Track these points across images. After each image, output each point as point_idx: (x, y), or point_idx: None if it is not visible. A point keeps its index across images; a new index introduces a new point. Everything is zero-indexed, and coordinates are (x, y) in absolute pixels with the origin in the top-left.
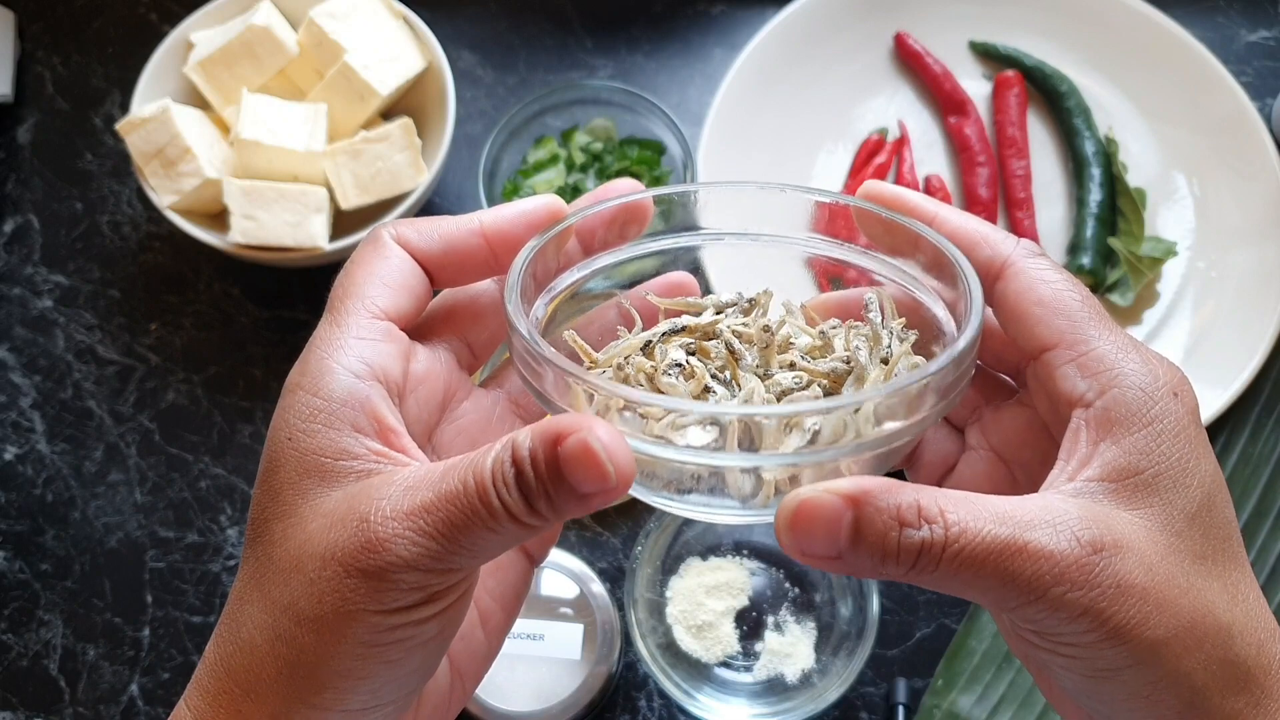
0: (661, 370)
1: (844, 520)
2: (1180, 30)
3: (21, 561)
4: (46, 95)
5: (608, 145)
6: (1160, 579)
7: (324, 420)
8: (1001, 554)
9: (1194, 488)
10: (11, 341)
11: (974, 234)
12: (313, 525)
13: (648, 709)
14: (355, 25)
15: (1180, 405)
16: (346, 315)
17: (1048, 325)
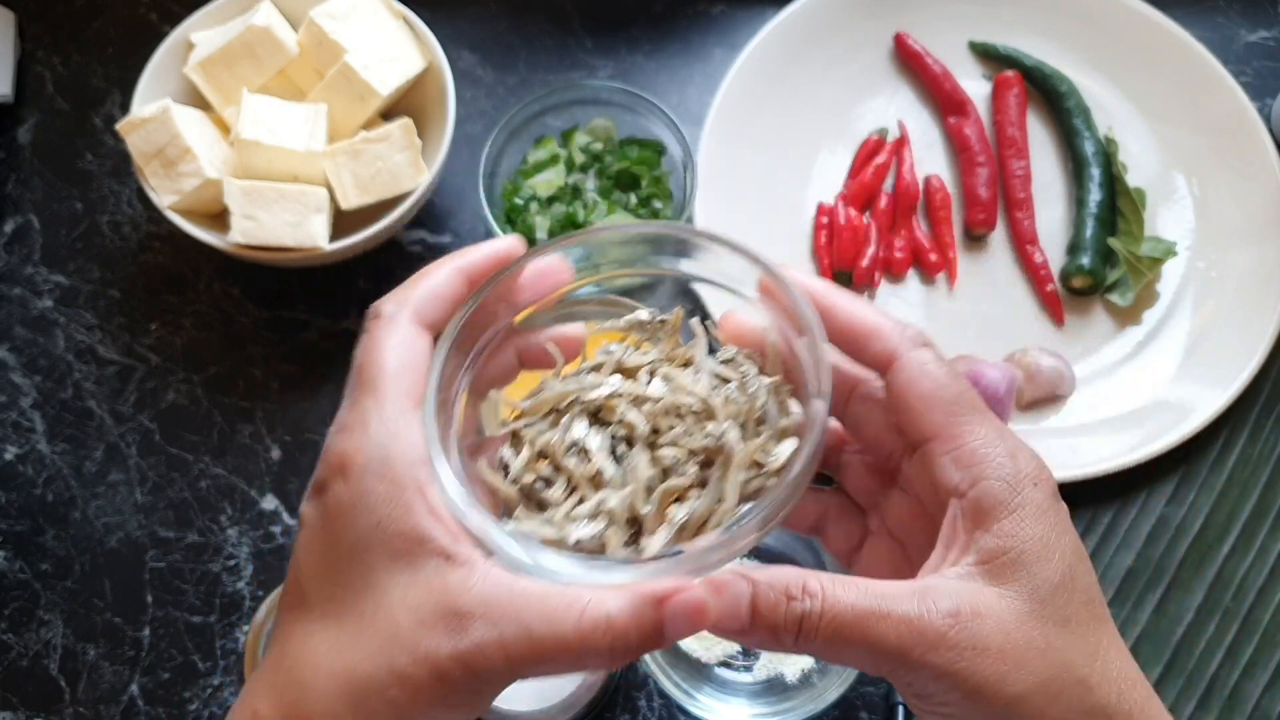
0: (562, 453)
1: (745, 596)
2: (1180, 30)
3: (22, 561)
4: (47, 95)
5: (608, 145)
6: (1017, 641)
7: (402, 507)
8: (866, 620)
9: (1055, 561)
10: (12, 341)
11: (865, 327)
12: (401, 616)
13: (647, 709)
14: (355, 25)
15: (1040, 491)
16: (388, 400)
17: (927, 419)
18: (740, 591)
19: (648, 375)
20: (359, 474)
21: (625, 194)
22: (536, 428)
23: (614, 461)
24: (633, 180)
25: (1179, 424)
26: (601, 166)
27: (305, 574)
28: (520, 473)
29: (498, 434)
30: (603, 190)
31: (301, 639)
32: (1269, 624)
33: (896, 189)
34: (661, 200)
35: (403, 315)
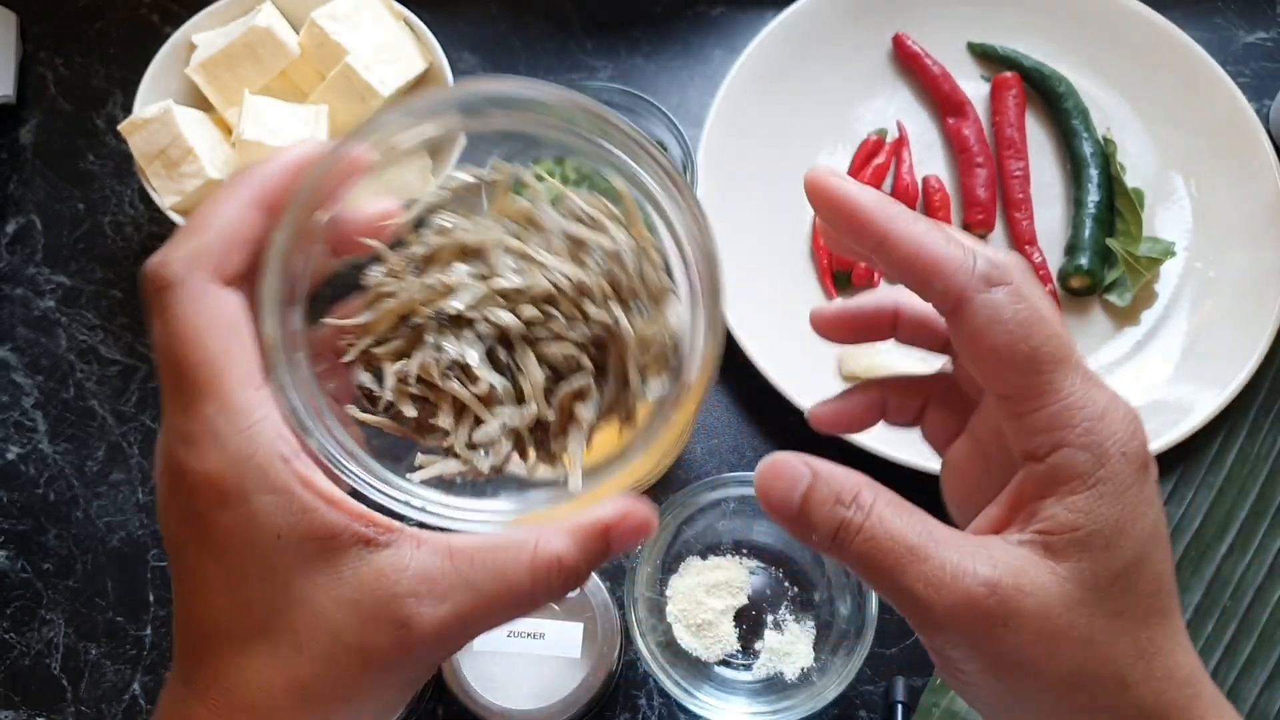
0: (439, 375)
1: (802, 484)
2: (1178, 31)
3: (24, 560)
4: (49, 96)
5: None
6: (1057, 626)
7: (299, 509)
8: (902, 557)
9: (1124, 549)
10: (14, 341)
11: (928, 258)
12: (337, 617)
13: (648, 707)
14: (356, 27)
15: (1127, 463)
16: (231, 396)
17: (1002, 377)
18: (799, 475)
19: (499, 251)
20: (237, 496)
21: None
22: (391, 346)
23: (498, 372)
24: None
25: (1177, 423)
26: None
27: (212, 607)
28: (392, 403)
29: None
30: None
31: (229, 658)
32: (1267, 623)
33: (895, 189)
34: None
35: (197, 277)
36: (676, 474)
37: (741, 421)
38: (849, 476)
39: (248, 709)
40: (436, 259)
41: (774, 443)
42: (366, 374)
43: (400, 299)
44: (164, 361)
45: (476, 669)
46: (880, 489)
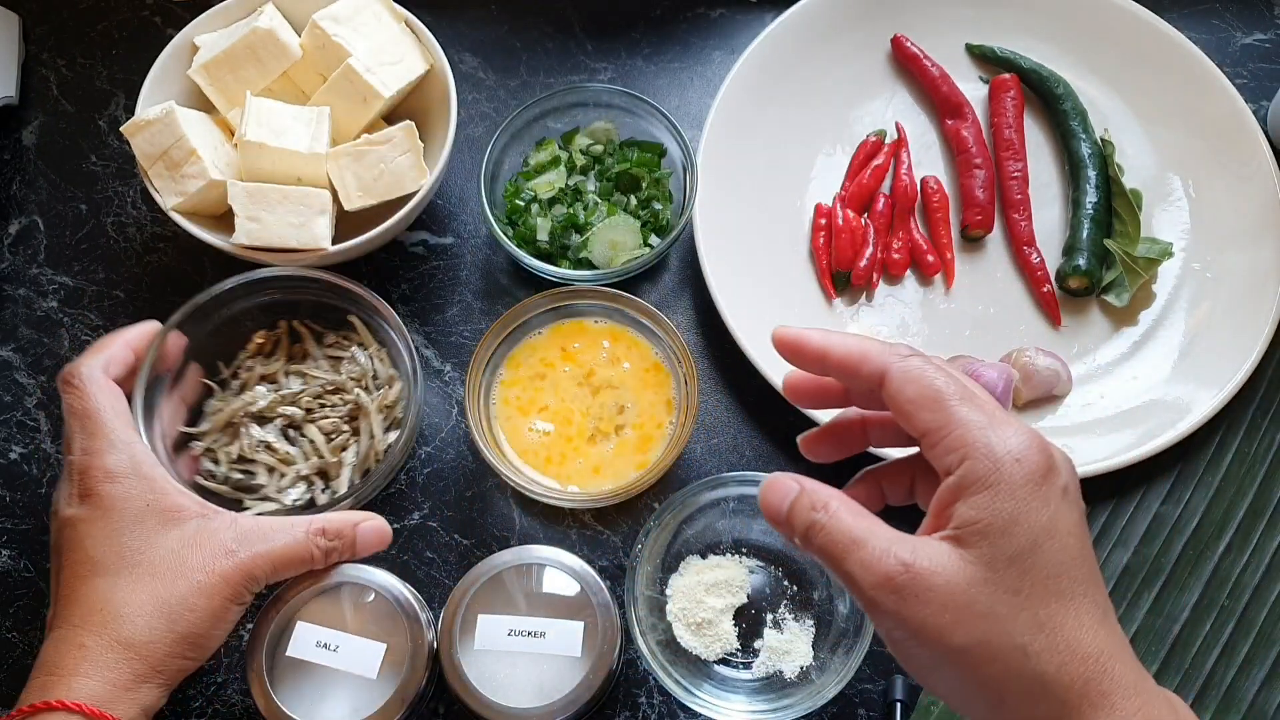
0: (252, 452)
1: (791, 493)
2: (1176, 33)
3: (26, 560)
4: (51, 98)
5: (608, 147)
6: (960, 600)
7: (161, 492)
8: (847, 545)
9: (1018, 536)
10: (17, 342)
11: (857, 354)
12: (186, 553)
13: (648, 705)
14: (358, 29)
15: (1020, 468)
16: (117, 431)
17: (919, 419)
18: (789, 490)
19: (284, 376)
20: (122, 478)
21: (625, 196)
22: (222, 441)
23: (290, 443)
24: (633, 182)
25: (1175, 423)
26: (602, 168)
27: (93, 548)
28: (227, 475)
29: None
30: (603, 192)
31: (105, 590)
32: (1265, 621)
33: (894, 190)
34: (661, 202)
35: (98, 375)
36: (676, 474)
37: (741, 421)
38: (826, 490)
39: (113, 618)
40: (247, 385)
41: (773, 443)
42: (209, 462)
43: (224, 411)
44: (76, 417)
45: (478, 668)
46: (847, 500)
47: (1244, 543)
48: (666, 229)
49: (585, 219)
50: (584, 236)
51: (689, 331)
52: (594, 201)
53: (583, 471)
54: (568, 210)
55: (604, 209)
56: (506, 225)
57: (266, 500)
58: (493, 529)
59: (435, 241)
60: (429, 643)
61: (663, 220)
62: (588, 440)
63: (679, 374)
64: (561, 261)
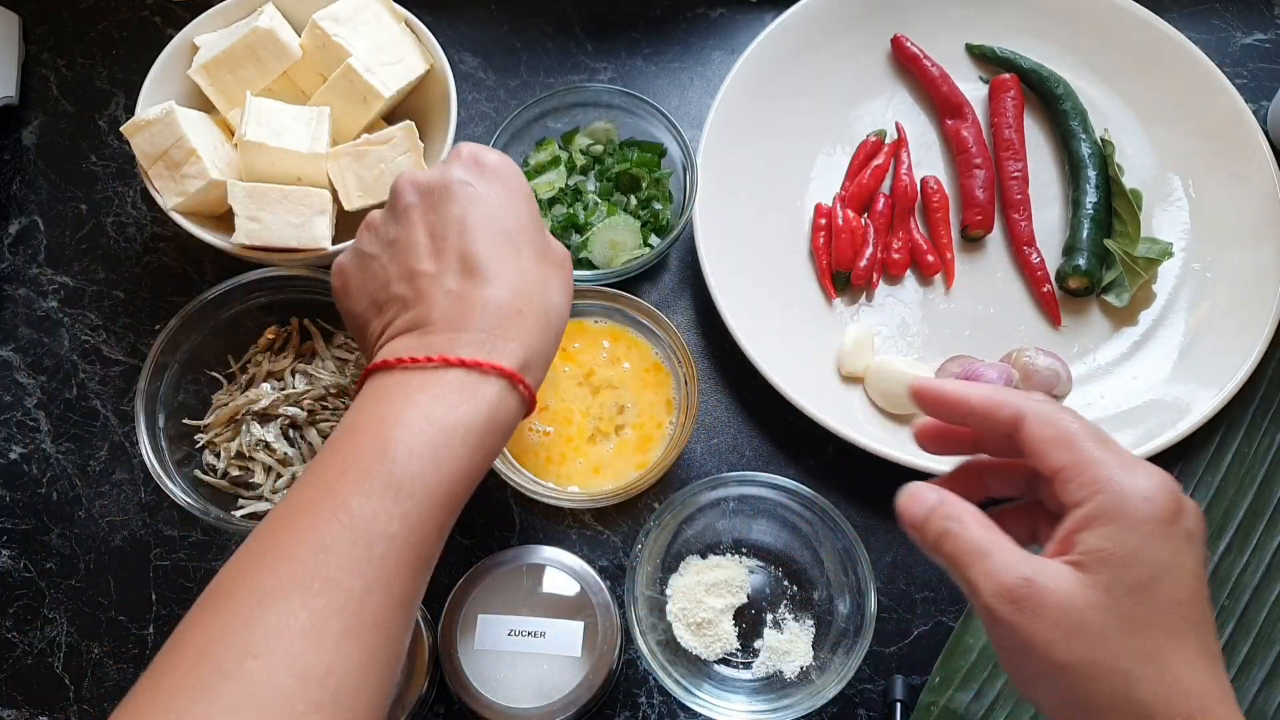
0: (251, 451)
1: (930, 501)
2: (1176, 33)
3: (26, 560)
4: (51, 98)
5: (608, 148)
6: (1073, 619)
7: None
8: (973, 555)
9: (1141, 568)
10: (16, 342)
11: (996, 400)
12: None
13: (648, 705)
14: (358, 29)
15: (1150, 506)
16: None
17: (1055, 457)
18: (930, 501)
19: (290, 374)
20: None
21: (625, 196)
22: (224, 436)
23: (290, 444)
24: (633, 182)
25: (1175, 423)
26: (602, 169)
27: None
28: (225, 470)
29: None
30: (603, 192)
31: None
32: (1265, 622)
33: (894, 190)
34: (661, 202)
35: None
36: (676, 474)
37: (741, 421)
38: (962, 504)
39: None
40: (254, 381)
41: (773, 443)
42: (210, 455)
43: (229, 406)
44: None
45: (477, 668)
46: (980, 515)
47: (1244, 543)
48: (667, 229)
49: (585, 219)
50: (584, 236)
51: (689, 331)
52: (594, 201)
53: (583, 471)
54: (568, 210)
55: (604, 209)
56: None
57: (261, 500)
58: (493, 529)
59: None
60: (429, 643)
61: (663, 220)
62: (588, 440)
63: (679, 374)
64: None
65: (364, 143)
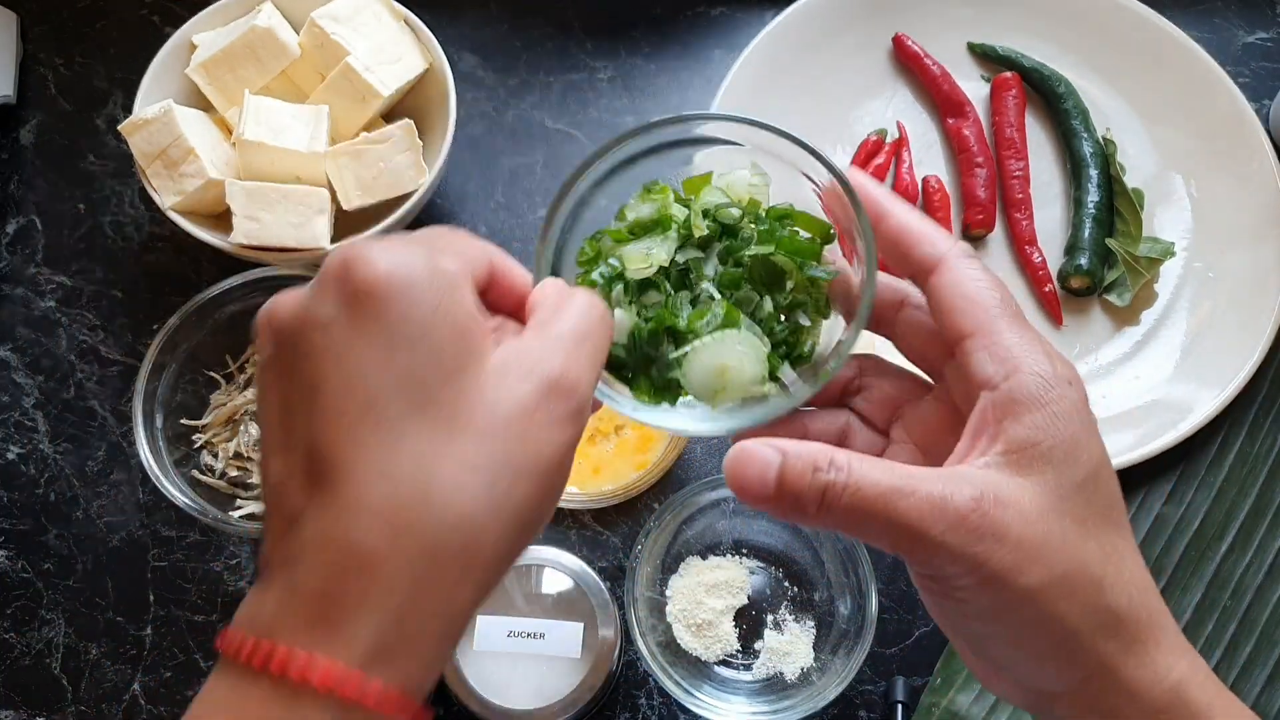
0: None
1: (774, 464)
2: (1178, 31)
3: (24, 560)
4: (49, 96)
5: (749, 215)
6: (1037, 532)
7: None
8: (889, 497)
9: (1082, 462)
10: (14, 341)
11: (916, 231)
12: (490, 381)
13: (648, 707)
14: (357, 27)
15: (1074, 391)
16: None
17: (969, 315)
18: (769, 459)
19: None
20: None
21: (758, 294)
22: (222, 436)
23: None
24: (774, 275)
25: (1177, 423)
26: (732, 245)
27: (370, 382)
28: (223, 471)
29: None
30: (725, 281)
31: (391, 453)
32: (1267, 623)
33: (895, 189)
34: (810, 315)
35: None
36: (676, 474)
37: None
38: (818, 447)
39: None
40: (252, 382)
41: None
42: (209, 455)
43: (227, 406)
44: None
45: (477, 669)
46: (844, 450)
47: (1246, 543)
48: (806, 357)
49: (688, 324)
50: (680, 350)
51: None
52: (708, 294)
53: (582, 472)
54: (665, 304)
55: (720, 310)
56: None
57: (259, 500)
58: None
59: None
60: None
61: (804, 345)
62: (587, 440)
63: None
64: (641, 381)
65: (363, 142)
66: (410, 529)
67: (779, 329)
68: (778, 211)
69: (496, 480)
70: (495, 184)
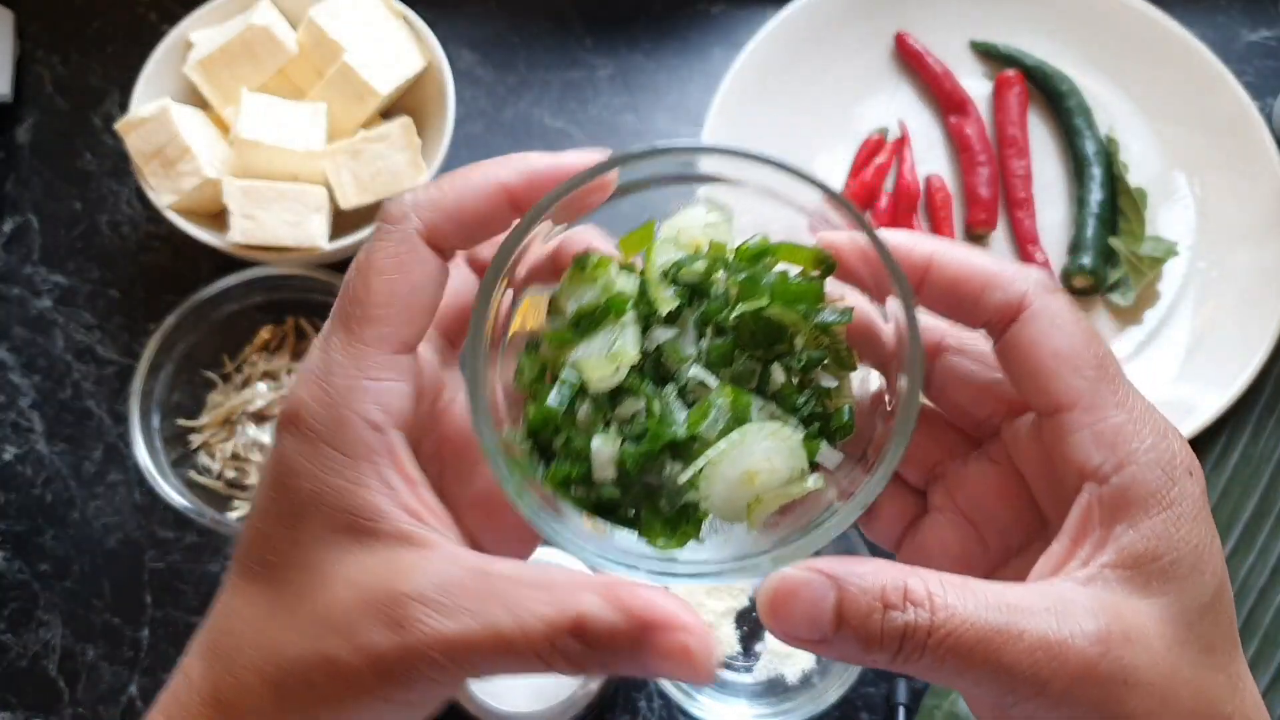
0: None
1: (827, 601)
2: (1181, 30)
3: (21, 562)
4: (46, 95)
5: (716, 263)
6: (1167, 672)
7: (352, 477)
8: (993, 641)
9: (1209, 575)
10: (11, 341)
11: (981, 274)
12: (342, 592)
13: (647, 709)
14: (355, 25)
15: (1195, 485)
16: (363, 344)
17: (1065, 383)
18: (819, 594)
19: (286, 374)
20: (304, 433)
21: (758, 363)
22: (219, 437)
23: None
24: (773, 334)
25: (1180, 424)
26: (708, 309)
27: (251, 530)
28: (220, 472)
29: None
30: (715, 358)
31: (236, 603)
32: (1270, 624)
33: (897, 188)
34: (834, 370)
35: (411, 230)
36: None
37: None
38: (885, 570)
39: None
40: (250, 381)
41: None
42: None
43: (224, 407)
44: (342, 289)
45: None
46: (917, 571)
47: (1250, 544)
48: (848, 427)
49: (689, 430)
50: (692, 470)
51: None
52: (698, 381)
53: None
54: (649, 414)
55: (722, 400)
56: (509, 466)
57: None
58: None
59: None
60: None
61: (840, 414)
62: None
63: None
64: (649, 519)
65: (361, 140)
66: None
67: (801, 402)
68: (750, 251)
69: (285, 681)
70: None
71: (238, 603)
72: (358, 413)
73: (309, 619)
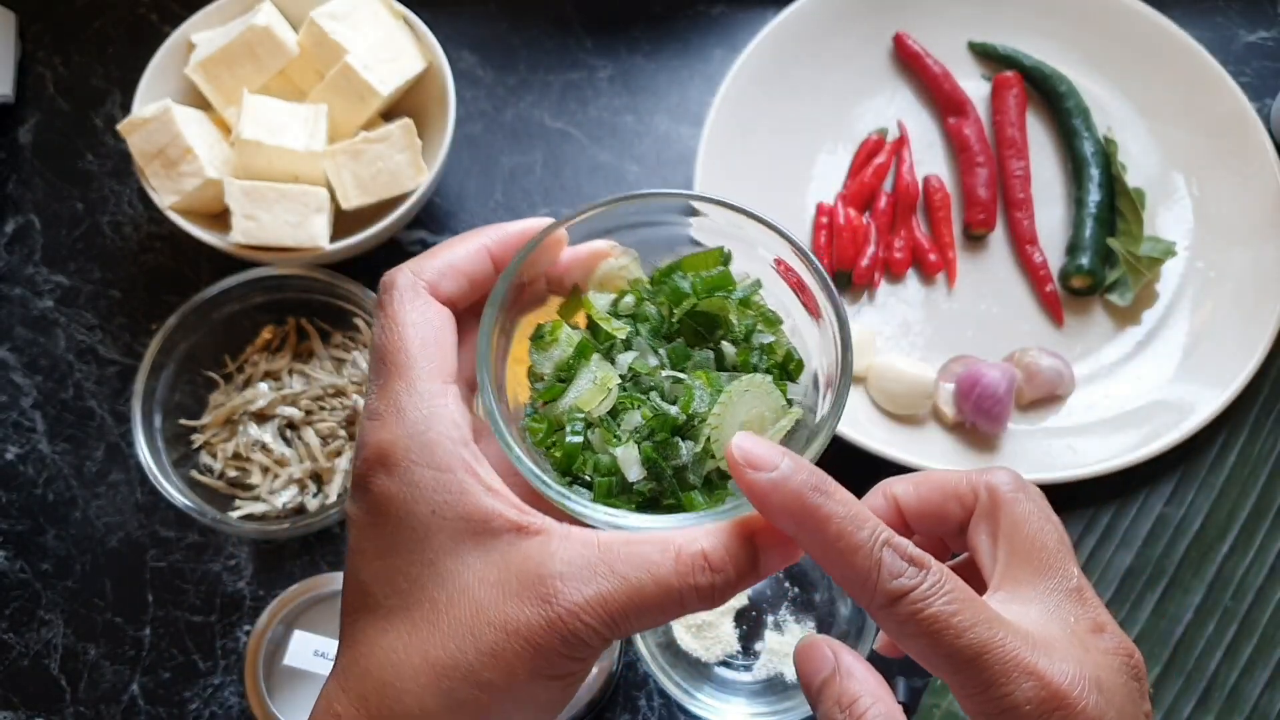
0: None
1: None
2: (1179, 31)
3: (23, 561)
4: (47, 96)
5: (639, 291)
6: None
7: (457, 489)
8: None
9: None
10: (13, 341)
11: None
12: (482, 592)
13: (648, 708)
14: (356, 26)
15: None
16: (419, 381)
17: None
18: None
19: (287, 374)
20: (403, 465)
21: (711, 349)
22: (221, 436)
23: (287, 445)
24: (711, 321)
25: (1178, 424)
26: (653, 326)
27: (365, 574)
28: (222, 471)
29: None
30: (676, 358)
31: (375, 638)
32: (1268, 623)
33: (896, 189)
34: (767, 328)
35: (419, 287)
36: None
37: None
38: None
39: (378, 685)
40: (251, 380)
41: None
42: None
43: (225, 407)
44: (373, 348)
45: None
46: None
47: (1247, 544)
48: (798, 364)
49: (684, 409)
50: (702, 441)
51: None
52: (672, 380)
53: None
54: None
55: (699, 383)
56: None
57: (258, 501)
58: None
59: (433, 240)
60: None
61: (790, 359)
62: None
63: None
64: (691, 498)
65: (361, 140)
66: (371, 712)
67: (756, 360)
68: (664, 271)
69: (455, 688)
70: (494, 183)
71: (375, 640)
72: (443, 434)
73: (460, 626)
